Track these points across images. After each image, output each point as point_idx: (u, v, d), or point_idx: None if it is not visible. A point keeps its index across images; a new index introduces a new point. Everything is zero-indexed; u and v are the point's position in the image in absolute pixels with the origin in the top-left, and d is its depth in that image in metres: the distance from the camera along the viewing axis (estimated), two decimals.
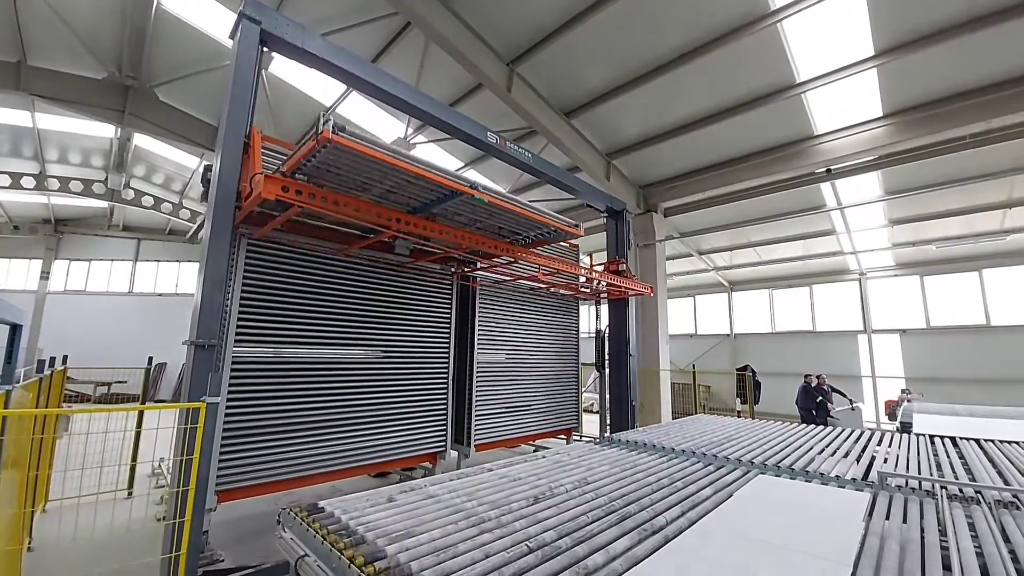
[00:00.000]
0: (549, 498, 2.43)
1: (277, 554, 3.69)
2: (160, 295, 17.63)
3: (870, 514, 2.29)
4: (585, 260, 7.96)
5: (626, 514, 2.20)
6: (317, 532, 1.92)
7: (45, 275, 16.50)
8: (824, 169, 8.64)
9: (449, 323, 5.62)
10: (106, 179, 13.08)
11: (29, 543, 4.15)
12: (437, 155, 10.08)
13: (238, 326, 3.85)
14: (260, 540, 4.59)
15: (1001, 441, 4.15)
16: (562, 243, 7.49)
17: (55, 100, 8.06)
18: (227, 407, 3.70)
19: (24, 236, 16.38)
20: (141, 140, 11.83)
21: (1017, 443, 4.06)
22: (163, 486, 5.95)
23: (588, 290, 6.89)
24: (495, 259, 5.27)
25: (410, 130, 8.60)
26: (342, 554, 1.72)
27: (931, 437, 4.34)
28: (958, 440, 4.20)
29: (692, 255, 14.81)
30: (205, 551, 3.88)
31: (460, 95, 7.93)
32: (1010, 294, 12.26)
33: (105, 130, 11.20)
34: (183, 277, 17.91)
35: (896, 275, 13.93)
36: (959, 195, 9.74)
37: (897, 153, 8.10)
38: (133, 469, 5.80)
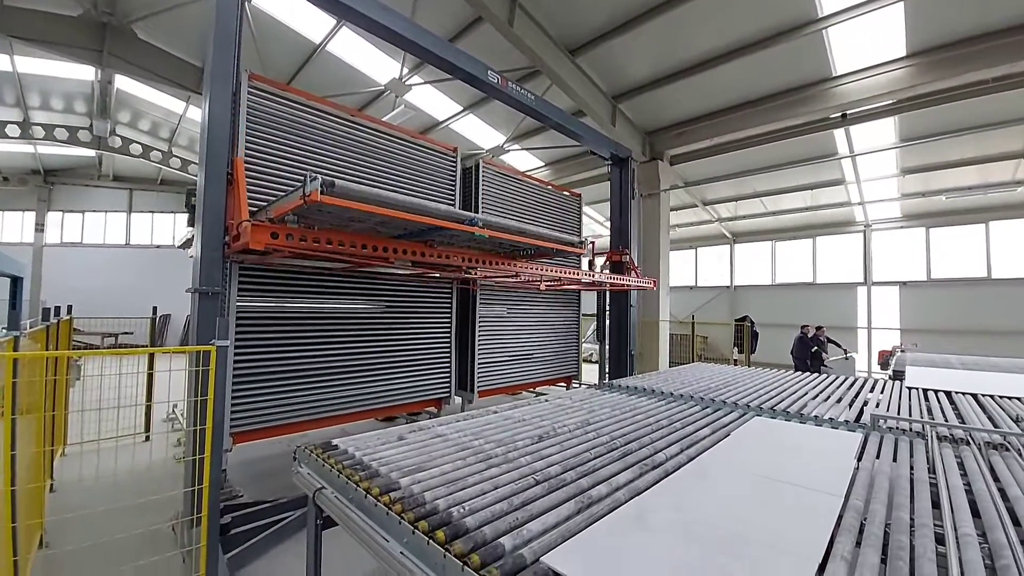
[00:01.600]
0: (553, 437, 2.51)
1: (292, 491, 3.92)
2: (158, 247, 17.55)
3: (862, 452, 2.38)
4: (587, 211, 7.81)
5: (627, 451, 2.29)
6: (333, 467, 2.00)
7: (40, 227, 16.35)
8: (839, 114, 8.29)
9: (451, 284, 5.60)
10: (91, 126, 12.64)
11: (51, 484, 4.37)
12: (434, 98, 9.63)
13: (240, 278, 3.83)
14: (275, 479, 4.84)
15: (1001, 397, 3.78)
16: (565, 198, 7.36)
17: (32, 40, 7.59)
18: (236, 355, 3.76)
19: (15, 188, 16.06)
20: (123, 83, 11.30)
21: (1018, 399, 3.71)
22: (179, 430, 6.20)
23: (590, 280, 6.78)
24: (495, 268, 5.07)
25: (405, 70, 8.15)
26: (358, 486, 1.79)
27: (924, 391, 4.08)
28: (953, 395, 3.92)
29: (696, 206, 14.58)
30: (224, 488, 4.10)
31: (458, 30, 7.45)
32: (1014, 247, 12.19)
33: (86, 72, 10.68)
34: (180, 229, 17.72)
35: (902, 227, 13.78)
36: (974, 143, 9.44)
37: (916, 97, 7.74)
38: (148, 413, 6.01)
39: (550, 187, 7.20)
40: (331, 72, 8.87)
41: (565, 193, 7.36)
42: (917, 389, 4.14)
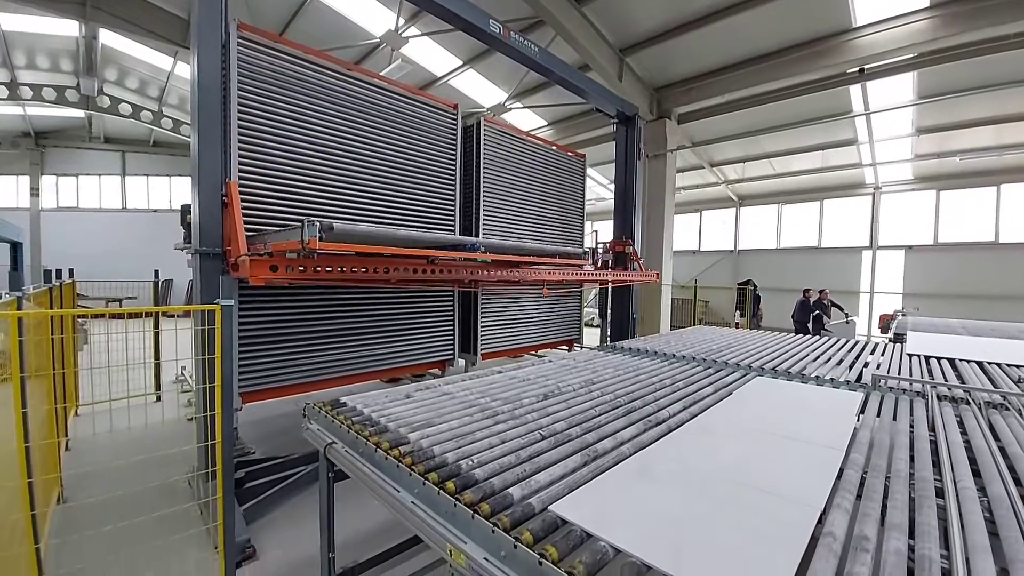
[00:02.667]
0: (558, 395, 2.54)
1: (303, 447, 4.04)
2: (155, 211, 17.37)
3: (862, 411, 2.41)
4: (591, 174, 7.62)
5: (631, 408, 2.32)
6: (342, 423, 2.03)
7: (35, 191, 16.15)
8: (857, 69, 7.92)
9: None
10: (78, 85, 12.24)
11: (66, 443, 4.50)
12: (432, 52, 9.21)
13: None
14: (286, 436, 4.98)
15: (1010, 365, 3.54)
16: (569, 158, 7.16)
17: None
18: (242, 318, 3.76)
19: (7, 151, 15.76)
20: (108, 39, 10.83)
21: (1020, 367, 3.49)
22: (188, 391, 6.33)
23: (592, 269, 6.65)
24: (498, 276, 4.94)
25: (401, 20, 7.74)
26: (368, 440, 1.83)
27: (926, 358, 3.82)
28: (957, 362, 3.67)
29: (703, 167, 14.24)
30: (237, 445, 4.22)
31: None
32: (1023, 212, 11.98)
33: (70, 28, 10.24)
34: (176, 192, 17.48)
35: (912, 189, 13.49)
36: (992, 102, 9.10)
37: (937, 51, 7.37)
38: (158, 372, 6.11)
39: (554, 147, 6.99)
40: (323, 24, 8.45)
41: (569, 154, 7.16)
42: (919, 356, 3.92)
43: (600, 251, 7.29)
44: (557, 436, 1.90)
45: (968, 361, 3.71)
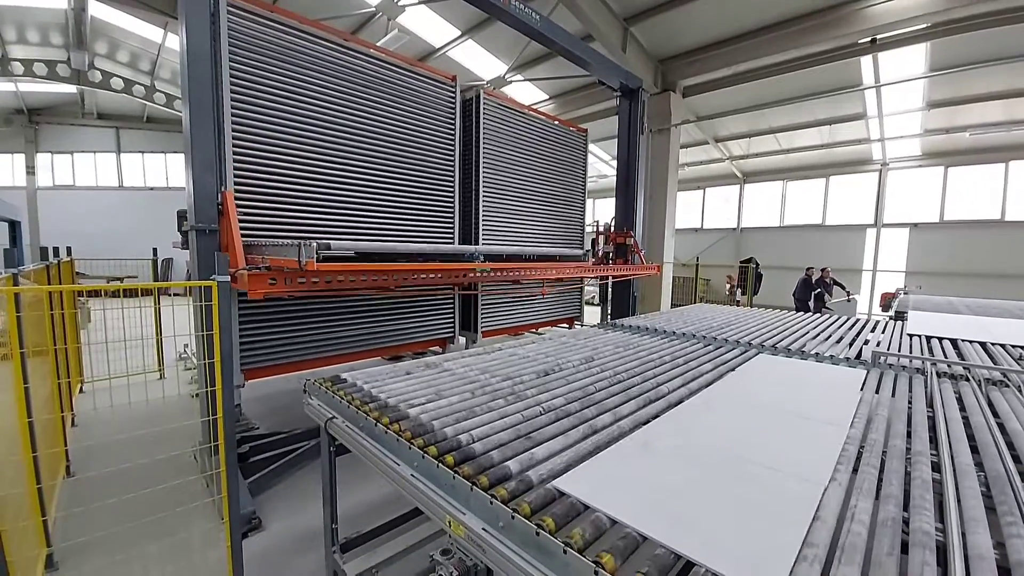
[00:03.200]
0: (558, 372, 2.55)
1: (306, 423, 4.09)
2: (151, 189, 17.21)
3: (862, 387, 2.41)
4: (593, 150, 7.48)
5: (630, 384, 2.33)
6: (342, 398, 2.04)
7: (31, 170, 16.00)
8: (869, 39, 7.67)
9: (452, 213, 5.46)
10: (68, 59, 11.97)
11: (72, 418, 4.56)
12: (430, 21, 8.91)
13: (240, 222, 3.72)
14: (289, 412, 5.05)
15: (1014, 346, 3.36)
16: (571, 133, 7.01)
17: None
18: (242, 296, 3.76)
19: (1, 128, 15.52)
20: (97, 10, 10.50)
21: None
22: (192, 368, 6.38)
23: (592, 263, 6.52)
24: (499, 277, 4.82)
25: None
26: (368, 415, 1.83)
27: (927, 338, 3.69)
28: (958, 341, 3.56)
29: (707, 143, 13.98)
30: (240, 420, 4.28)
31: None
32: None
33: (58, 0, 9.96)
34: (172, 170, 17.28)
35: (920, 166, 13.25)
36: (1004, 76, 8.88)
37: (952, 21, 7.12)
38: (160, 351, 6.15)
39: (556, 122, 6.84)
40: None
41: (571, 129, 7.01)
42: (920, 336, 3.82)
43: (600, 242, 7.22)
44: (556, 411, 1.91)
45: (971, 342, 3.58)
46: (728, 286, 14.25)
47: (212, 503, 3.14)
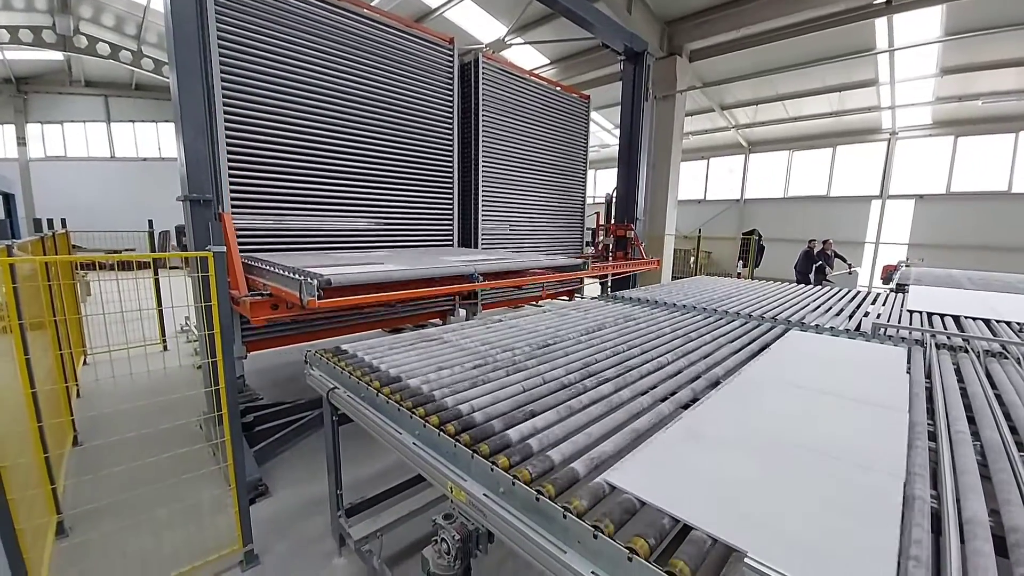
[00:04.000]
0: (558, 343, 2.55)
1: (309, 394, 4.14)
2: (144, 159, 16.90)
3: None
4: (595, 118, 7.28)
5: (630, 356, 2.33)
6: (343, 369, 2.05)
7: (21, 140, 15.70)
8: (884, 0, 7.34)
9: (451, 184, 5.37)
10: (53, 24, 11.55)
11: (77, 390, 4.62)
12: None
13: (232, 196, 3.65)
14: (293, 383, 5.11)
15: (1020, 324, 3.14)
16: (573, 100, 6.79)
17: None
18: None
19: None
20: None
21: None
22: (194, 341, 6.43)
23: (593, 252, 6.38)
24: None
25: None
26: (369, 385, 1.84)
27: (930, 315, 3.51)
28: (963, 319, 3.34)
29: (712, 111, 13.62)
30: (244, 391, 4.33)
31: None
32: None
33: None
34: (164, 140, 16.93)
35: (930, 135, 12.95)
36: (1020, 42, 8.53)
37: None
38: (162, 320, 6.17)
39: (558, 88, 6.63)
40: None
41: (573, 95, 6.80)
42: (921, 313, 3.65)
43: (601, 235, 7.13)
44: (555, 383, 1.91)
45: (973, 319, 3.37)
46: (740, 262, 13.87)
47: (219, 470, 3.22)
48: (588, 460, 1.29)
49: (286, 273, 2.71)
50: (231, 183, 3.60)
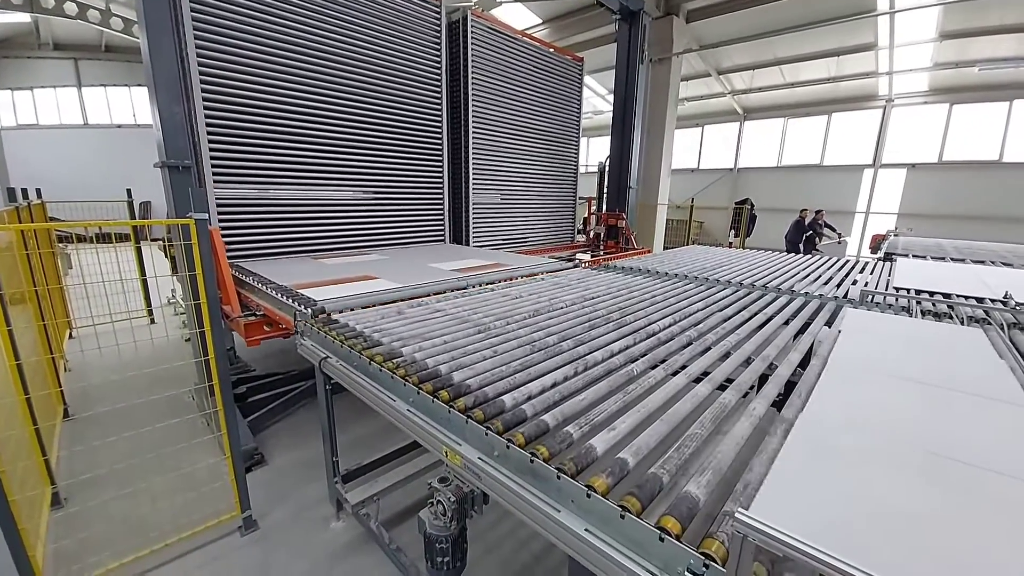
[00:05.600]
0: (550, 311, 2.55)
1: (302, 364, 4.15)
2: (119, 126, 16.21)
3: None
4: (588, 83, 7.08)
5: (622, 323, 2.34)
6: (335, 338, 2.03)
7: None
8: None
9: (442, 159, 5.23)
10: None
11: (65, 363, 4.56)
12: None
13: (213, 166, 3.51)
14: (285, 355, 5.10)
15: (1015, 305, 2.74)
16: (566, 62, 6.56)
17: None
18: (225, 239, 3.63)
19: None
20: None
21: None
22: (181, 313, 6.34)
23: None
24: None
25: None
26: (361, 354, 1.83)
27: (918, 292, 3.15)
28: (954, 298, 2.99)
29: (709, 75, 13.29)
30: (237, 363, 4.32)
31: None
32: None
33: None
34: (139, 105, 16.19)
35: (925, 102, 12.81)
36: (1021, 7, 8.33)
37: None
38: (147, 292, 6.05)
39: (552, 50, 6.39)
40: None
41: (566, 57, 6.57)
42: (911, 291, 3.33)
43: (592, 222, 7.06)
44: (549, 349, 1.92)
45: (965, 297, 3.07)
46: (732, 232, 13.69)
47: (214, 440, 3.23)
48: (582, 424, 1.31)
49: (280, 296, 2.72)
50: (211, 149, 3.47)
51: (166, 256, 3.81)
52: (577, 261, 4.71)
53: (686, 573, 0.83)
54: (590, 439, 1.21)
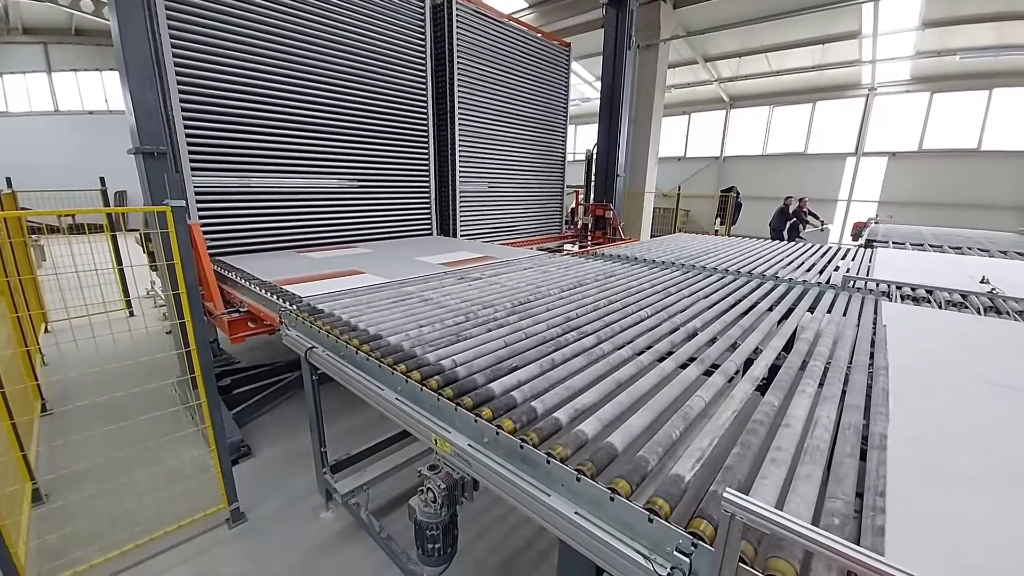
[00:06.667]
0: (539, 299, 2.55)
1: (288, 356, 4.09)
2: (91, 112, 15.63)
3: (830, 309, 2.48)
4: (576, 69, 7.03)
5: (610, 310, 2.35)
6: (321, 328, 2.00)
7: None
8: None
9: (427, 146, 5.15)
10: None
11: (42, 358, 4.44)
12: None
13: (191, 153, 3.40)
14: (271, 347, 5.02)
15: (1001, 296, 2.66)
16: (553, 47, 6.48)
17: None
18: (205, 231, 3.54)
19: None
20: None
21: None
22: (162, 305, 6.20)
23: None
24: None
25: None
26: (348, 343, 1.81)
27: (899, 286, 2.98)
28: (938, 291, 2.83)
29: (695, 62, 13.28)
30: (221, 356, 4.24)
31: None
32: (1010, 118, 11.78)
33: None
34: (110, 89, 15.62)
35: (907, 91, 13.00)
36: None
37: None
38: (124, 284, 5.89)
39: (539, 35, 6.30)
40: None
41: (553, 42, 6.49)
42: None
43: (580, 213, 7.05)
44: (537, 337, 1.91)
45: (949, 291, 2.86)
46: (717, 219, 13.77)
47: (198, 432, 3.19)
48: (571, 410, 1.31)
49: (264, 292, 2.65)
50: (188, 135, 3.35)
51: (144, 250, 3.70)
52: (565, 252, 4.72)
53: (675, 552, 0.84)
54: (579, 424, 1.22)
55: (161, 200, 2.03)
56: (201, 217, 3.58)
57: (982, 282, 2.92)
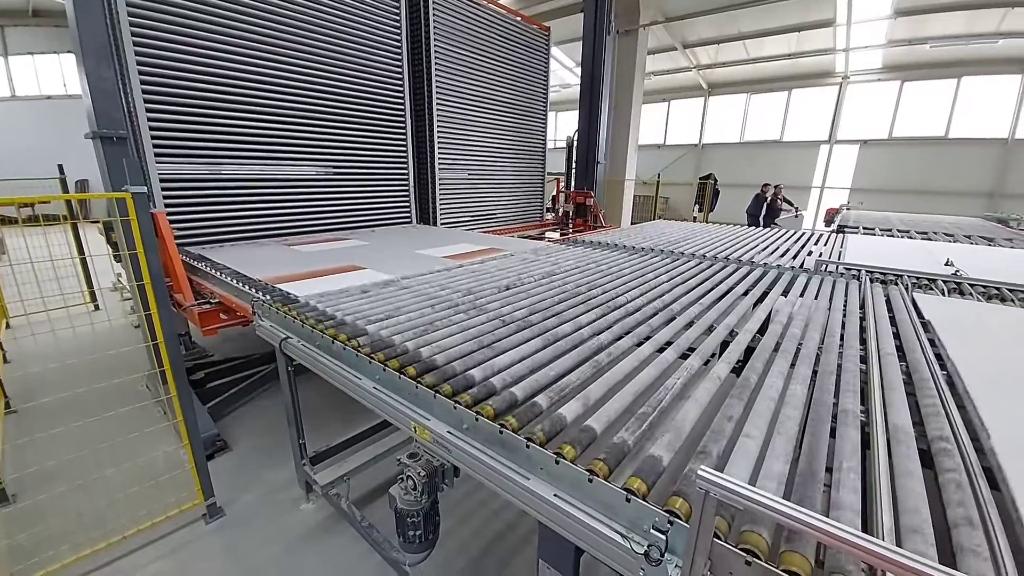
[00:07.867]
0: (519, 287, 2.53)
1: (263, 347, 3.99)
2: (48, 97, 14.80)
3: (802, 293, 2.54)
4: (556, 54, 6.96)
5: (590, 296, 2.35)
6: (296, 318, 1.95)
7: None
8: None
9: (405, 132, 5.03)
10: None
11: (3, 355, 4.24)
12: None
13: (154, 140, 3.24)
14: (244, 339, 4.91)
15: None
16: (533, 31, 6.38)
17: None
18: (172, 220, 3.40)
19: None
20: None
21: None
22: (128, 299, 5.98)
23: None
24: None
25: None
26: (324, 333, 1.77)
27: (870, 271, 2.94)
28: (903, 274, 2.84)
29: (674, 49, 13.30)
30: (193, 349, 4.12)
31: None
32: (977, 106, 12.19)
33: None
34: (68, 73, 14.80)
35: (879, 79, 13.31)
36: None
37: None
38: (88, 277, 5.65)
39: (519, 18, 6.19)
40: None
41: (533, 26, 6.39)
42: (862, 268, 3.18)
43: (561, 200, 7.03)
44: (517, 324, 1.91)
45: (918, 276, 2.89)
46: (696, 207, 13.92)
47: (171, 427, 3.10)
48: (551, 394, 1.31)
49: (237, 283, 2.53)
50: (150, 120, 3.20)
51: (107, 242, 3.54)
52: (547, 240, 4.72)
53: (652, 530, 0.85)
54: (559, 409, 1.22)
55: (121, 183, 1.93)
56: (169, 206, 3.43)
57: (946, 265, 3.03)
